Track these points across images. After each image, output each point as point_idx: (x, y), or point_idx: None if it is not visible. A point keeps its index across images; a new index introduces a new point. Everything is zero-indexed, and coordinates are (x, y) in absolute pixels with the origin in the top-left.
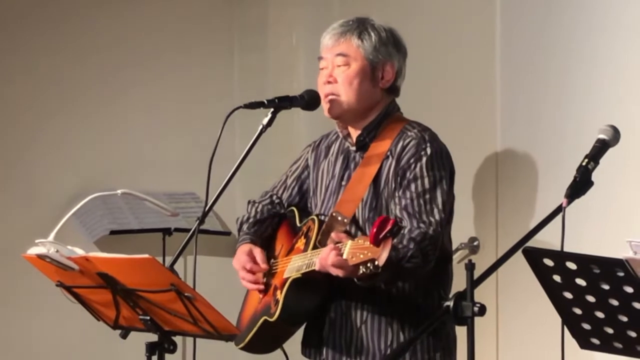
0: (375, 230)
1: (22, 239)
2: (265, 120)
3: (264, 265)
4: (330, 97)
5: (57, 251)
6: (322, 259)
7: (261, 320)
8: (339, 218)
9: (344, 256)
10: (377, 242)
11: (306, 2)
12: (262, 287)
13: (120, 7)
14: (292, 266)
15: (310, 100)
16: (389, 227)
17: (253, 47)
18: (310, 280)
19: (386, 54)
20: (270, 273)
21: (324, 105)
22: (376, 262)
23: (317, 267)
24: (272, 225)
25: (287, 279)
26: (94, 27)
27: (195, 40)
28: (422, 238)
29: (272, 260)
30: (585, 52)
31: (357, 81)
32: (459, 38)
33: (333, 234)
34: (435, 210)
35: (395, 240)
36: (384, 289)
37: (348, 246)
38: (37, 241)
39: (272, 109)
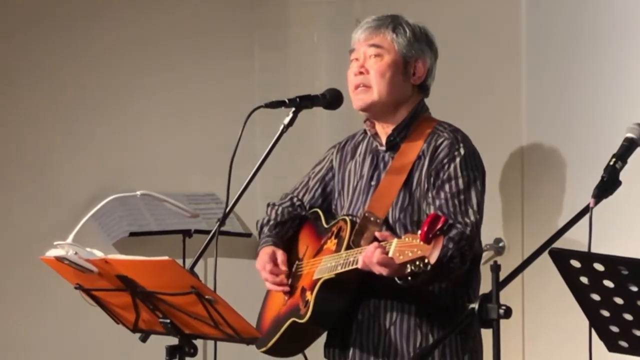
0: (426, 227)
1: (40, 241)
2: (287, 120)
3: (283, 267)
4: (361, 87)
5: (76, 253)
6: (367, 257)
7: (289, 322)
8: (372, 218)
9: (390, 254)
10: (427, 239)
11: None
12: (287, 289)
13: (139, 8)
14: (324, 267)
15: (332, 99)
16: (440, 225)
17: (274, 45)
18: (341, 282)
19: (419, 50)
20: (296, 275)
21: (354, 97)
22: (426, 260)
23: (359, 265)
24: (292, 228)
25: (317, 280)
26: (113, 29)
27: (215, 40)
28: (460, 238)
29: (297, 262)
30: (613, 49)
31: (390, 73)
32: (484, 36)
33: (377, 233)
34: (470, 211)
35: None
36: (413, 291)
37: (394, 244)
38: (55, 243)
39: (293, 109)
